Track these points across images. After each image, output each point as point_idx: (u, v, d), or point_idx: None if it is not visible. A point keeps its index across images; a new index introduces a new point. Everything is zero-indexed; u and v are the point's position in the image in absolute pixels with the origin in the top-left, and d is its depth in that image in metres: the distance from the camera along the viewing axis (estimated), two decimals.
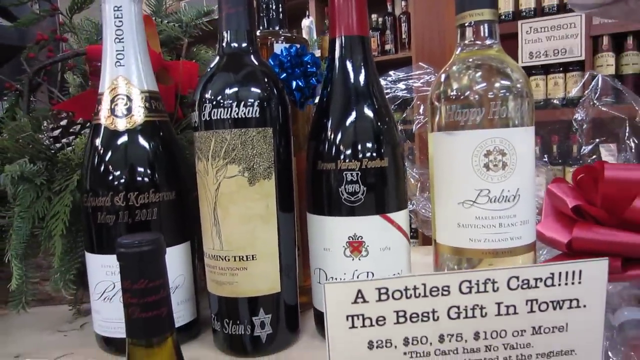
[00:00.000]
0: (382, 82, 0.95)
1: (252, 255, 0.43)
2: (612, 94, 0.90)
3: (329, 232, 0.44)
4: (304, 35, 3.20)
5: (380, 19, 2.80)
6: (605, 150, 1.33)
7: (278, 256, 0.44)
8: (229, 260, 0.43)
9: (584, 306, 0.27)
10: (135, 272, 0.34)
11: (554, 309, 0.27)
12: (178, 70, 0.63)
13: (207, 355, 0.46)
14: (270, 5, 0.53)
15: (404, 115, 0.91)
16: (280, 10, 0.54)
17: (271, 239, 0.44)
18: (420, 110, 0.84)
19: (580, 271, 0.26)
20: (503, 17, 2.09)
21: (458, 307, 0.27)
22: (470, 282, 0.26)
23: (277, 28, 0.54)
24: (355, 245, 0.44)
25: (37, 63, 0.73)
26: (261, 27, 0.54)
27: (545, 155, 1.10)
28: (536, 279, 0.26)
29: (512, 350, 0.27)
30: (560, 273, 0.27)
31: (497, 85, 0.40)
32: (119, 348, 0.47)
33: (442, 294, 0.26)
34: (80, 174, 0.50)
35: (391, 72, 0.95)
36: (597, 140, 0.89)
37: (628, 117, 0.78)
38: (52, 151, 0.59)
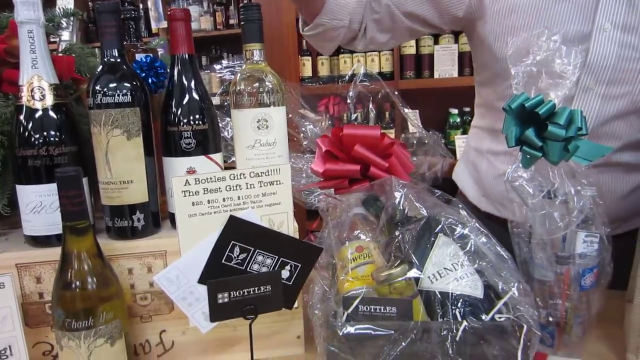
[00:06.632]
0: (217, 67, 1.30)
1: (130, 180, 0.76)
2: (368, 78, 1.36)
3: (176, 166, 0.79)
4: (149, 5, 3.32)
5: None
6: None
7: (146, 180, 0.78)
8: (116, 183, 0.75)
9: (283, 183, 0.66)
10: (68, 185, 0.65)
11: (270, 185, 0.66)
12: (61, 62, 0.90)
13: (105, 241, 0.78)
14: (131, 27, 0.83)
15: None
16: (138, 29, 0.85)
17: (142, 171, 0.77)
18: None
19: (280, 168, 0.66)
20: None
21: (231, 185, 0.64)
22: (235, 174, 0.64)
23: (136, 42, 0.85)
24: (191, 174, 0.79)
25: None
26: (126, 41, 0.84)
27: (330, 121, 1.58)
28: (263, 172, 0.65)
29: (254, 203, 0.66)
30: (273, 169, 0.65)
31: (259, 85, 0.78)
32: (42, 243, 0.75)
33: (222, 180, 0.63)
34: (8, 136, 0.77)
35: (223, 62, 1.30)
36: (359, 109, 1.36)
37: (372, 95, 1.24)
38: None
